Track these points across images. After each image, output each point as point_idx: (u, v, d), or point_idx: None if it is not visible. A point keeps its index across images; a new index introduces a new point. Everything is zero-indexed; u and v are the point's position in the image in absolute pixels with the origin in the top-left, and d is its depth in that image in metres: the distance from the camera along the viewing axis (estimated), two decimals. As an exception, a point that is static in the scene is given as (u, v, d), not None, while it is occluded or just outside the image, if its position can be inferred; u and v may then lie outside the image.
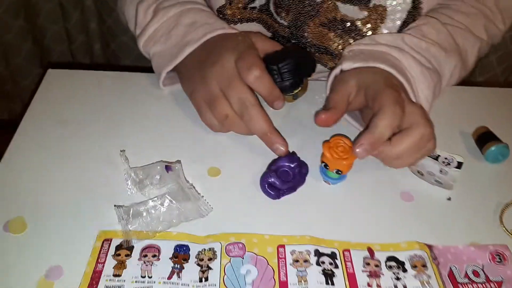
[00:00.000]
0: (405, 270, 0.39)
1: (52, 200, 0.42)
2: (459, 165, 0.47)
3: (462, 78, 0.57)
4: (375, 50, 0.50)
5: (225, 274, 0.37)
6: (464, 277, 0.39)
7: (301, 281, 0.37)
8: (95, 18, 1.16)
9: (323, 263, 0.39)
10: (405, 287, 0.38)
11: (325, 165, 0.45)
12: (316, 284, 0.37)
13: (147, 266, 0.37)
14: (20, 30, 1.15)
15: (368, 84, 0.46)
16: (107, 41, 1.20)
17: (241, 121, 0.46)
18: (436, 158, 0.48)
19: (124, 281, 0.36)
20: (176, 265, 0.37)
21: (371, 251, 0.40)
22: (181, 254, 0.38)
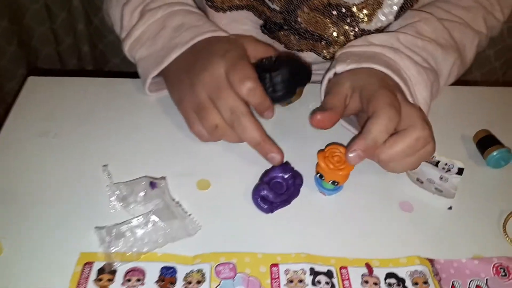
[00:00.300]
0: (406, 288, 0.37)
1: (29, 220, 0.39)
2: (460, 171, 0.45)
3: (461, 74, 0.55)
4: (369, 51, 0.48)
5: (215, 297, 0.35)
6: (467, 293, 0.37)
7: (296, 303, 0.35)
8: (83, 18, 1.13)
9: (319, 283, 0.37)
10: (406, 306, 0.36)
11: (320, 175, 0.42)
12: (312, 306, 0.35)
13: (131, 291, 0.35)
14: (4, 31, 1.12)
15: (362, 85, 0.44)
16: (95, 42, 1.17)
17: (232, 131, 0.43)
18: (436, 164, 0.46)
19: (107, 308, 0.34)
20: (163, 289, 0.35)
21: (369, 268, 0.38)
22: (167, 277, 0.36)
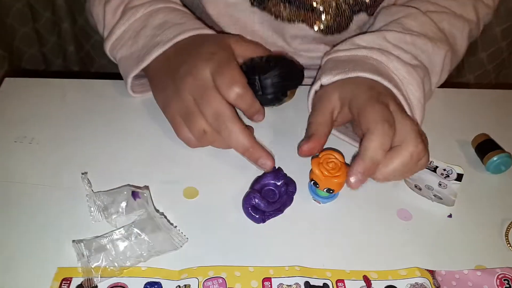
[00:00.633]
0: (406, 302, 0.35)
1: (2, 232, 0.36)
2: (459, 177, 0.43)
3: (454, 65, 0.53)
4: (356, 55, 0.46)
5: (203, 315, 0.33)
6: (471, 308, 0.35)
7: (290, 321, 0.33)
8: (67, 17, 1.10)
9: (314, 298, 0.34)
10: (406, 322, 0.34)
11: (314, 183, 0.40)
12: (307, 324, 0.33)
13: (112, 310, 0.32)
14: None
15: (351, 97, 0.41)
16: (81, 42, 1.13)
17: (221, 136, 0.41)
18: (434, 169, 0.44)
19: (85, 329, 0.31)
20: (147, 307, 0.33)
21: (367, 280, 0.36)
22: (152, 294, 0.33)
